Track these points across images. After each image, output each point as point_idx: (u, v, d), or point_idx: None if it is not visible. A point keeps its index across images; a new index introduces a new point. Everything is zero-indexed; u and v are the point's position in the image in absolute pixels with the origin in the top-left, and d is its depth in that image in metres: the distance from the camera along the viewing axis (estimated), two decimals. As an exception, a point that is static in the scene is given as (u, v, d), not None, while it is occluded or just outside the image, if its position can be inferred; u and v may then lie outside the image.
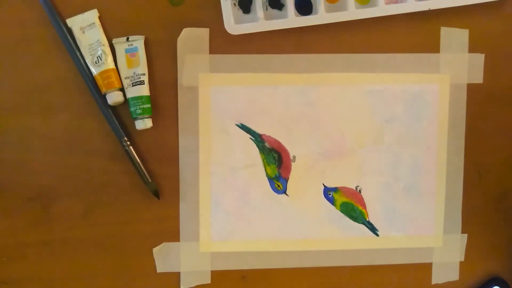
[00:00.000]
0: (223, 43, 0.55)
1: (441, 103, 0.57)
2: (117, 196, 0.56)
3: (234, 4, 0.54)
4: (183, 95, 0.55)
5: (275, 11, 0.55)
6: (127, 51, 0.54)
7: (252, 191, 0.57)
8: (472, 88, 0.58)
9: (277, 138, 0.57)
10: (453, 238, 0.59)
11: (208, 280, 0.58)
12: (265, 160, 0.57)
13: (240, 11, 0.55)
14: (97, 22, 0.54)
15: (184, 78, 0.55)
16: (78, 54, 0.53)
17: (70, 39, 0.53)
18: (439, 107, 0.57)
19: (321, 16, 0.54)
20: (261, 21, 0.53)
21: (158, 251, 0.57)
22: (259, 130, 0.56)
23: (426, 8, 0.54)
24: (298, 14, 0.55)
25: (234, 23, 0.53)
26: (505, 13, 0.57)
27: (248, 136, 0.56)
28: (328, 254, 0.58)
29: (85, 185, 0.56)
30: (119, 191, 0.56)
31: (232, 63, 0.55)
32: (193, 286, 0.57)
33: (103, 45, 0.53)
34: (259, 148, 0.57)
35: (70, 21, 0.53)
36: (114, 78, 0.53)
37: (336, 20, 0.54)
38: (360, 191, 0.58)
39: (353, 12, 0.54)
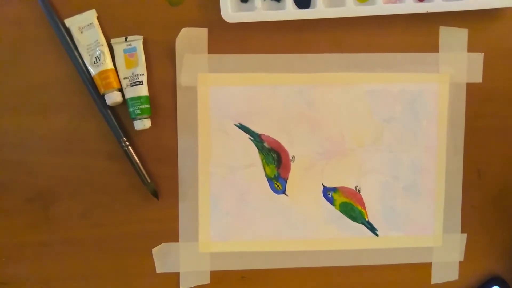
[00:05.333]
0: (221, 43, 0.55)
1: (441, 102, 0.57)
2: (116, 196, 0.56)
3: None
4: (182, 95, 0.55)
5: (273, 3, 0.55)
6: (125, 51, 0.54)
7: (251, 191, 0.57)
8: (471, 88, 0.57)
9: (276, 138, 0.57)
10: (452, 237, 0.59)
11: (207, 280, 0.58)
12: (264, 160, 0.57)
13: (238, 0, 0.54)
14: (96, 22, 0.53)
15: (183, 78, 0.55)
16: (76, 54, 0.53)
17: (69, 39, 0.53)
18: (438, 107, 0.57)
19: (319, 10, 0.53)
20: (258, 10, 0.53)
21: (158, 252, 0.57)
22: (258, 130, 0.56)
23: (424, 11, 0.54)
24: (296, 8, 0.54)
25: (231, 11, 0.53)
26: (505, 12, 0.57)
27: (247, 136, 0.56)
28: (328, 254, 0.58)
29: (84, 186, 0.56)
30: (118, 192, 0.56)
31: (231, 63, 0.55)
32: (192, 286, 0.57)
33: (102, 45, 0.53)
34: (258, 148, 0.57)
35: (68, 21, 0.53)
36: (112, 78, 0.53)
37: (334, 15, 0.54)
38: (359, 191, 0.58)
39: (351, 9, 0.53)
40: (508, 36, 0.57)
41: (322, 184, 0.57)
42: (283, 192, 0.57)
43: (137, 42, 0.54)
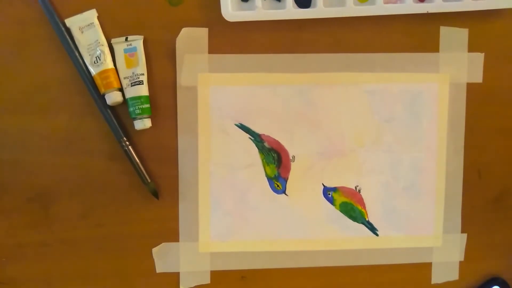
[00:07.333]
0: (222, 43, 0.55)
1: (441, 102, 0.57)
2: (116, 196, 0.56)
3: None
4: (182, 95, 0.55)
5: (273, 2, 0.55)
6: (126, 51, 0.54)
7: (251, 191, 0.57)
8: (471, 88, 0.57)
9: (276, 138, 0.57)
10: (452, 237, 0.59)
11: (207, 280, 0.58)
12: (264, 160, 0.57)
13: (238, 0, 0.54)
14: (96, 22, 0.53)
15: (183, 78, 0.55)
16: (76, 54, 0.53)
17: (69, 39, 0.53)
18: (438, 107, 0.57)
19: (319, 10, 0.53)
20: (258, 9, 0.53)
21: (158, 251, 0.57)
22: (258, 130, 0.56)
23: (424, 11, 0.54)
24: (297, 7, 0.54)
25: (231, 10, 0.53)
26: (505, 12, 0.57)
27: (248, 136, 0.56)
28: (328, 254, 0.58)
29: (84, 186, 0.56)
30: (118, 191, 0.56)
31: (231, 63, 0.55)
32: (192, 286, 0.57)
33: (102, 45, 0.53)
34: (258, 148, 0.57)
35: (68, 21, 0.53)
36: (113, 78, 0.53)
37: (334, 15, 0.54)
38: (359, 191, 0.58)
39: (351, 9, 0.54)
40: (508, 36, 0.57)
41: (322, 184, 0.57)
42: (283, 192, 0.57)
43: (138, 42, 0.54)
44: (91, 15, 0.54)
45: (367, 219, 0.58)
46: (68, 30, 0.53)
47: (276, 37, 0.55)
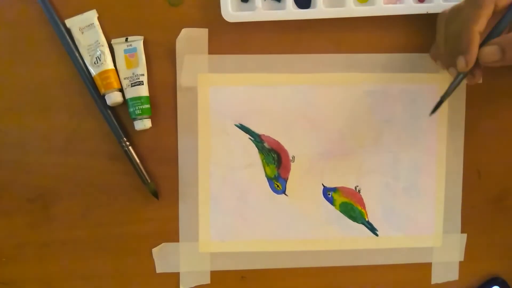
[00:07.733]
0: (222, 43, 0.55)
1: (441, 102, 0.57)
2: (117, 196, 0.56)
3: None
4: (182, 95, 0.55)
5: (273, 3, 0.55)
6: (126, 51, 0.54)
7: (251, 191, 0.57)
8: (471, 88, 0.57)
9: (276, 138, 0.57)
10: (452, 238, 0.59)
11: (207, 280, 0.58)
12: (264, 160, 0.57)
13: (238, 0, 0.54)
14: (96, 22, 0.53)
15: (183, 78, 0.55)
16: (77, 54, 0.53)
17: (69, 40, 0.53)
18: (438, 107, 0.57)
19: (319, 10, 0.53)
20: (258, 10, 0.53)
21: (158, 252, 0.57)
22: (258, 130, 0.56)
23: (424, 11, 0.54)
24: (297, 7, 0.54)
25: (231, 11, 0.53)
26: (505, 12, 0.57)
27: (247, 136, 0.56)
28: (328, 254, 0.58)
29: (84, 186, 0.56)
30: (118, 192, 0.56)
31: (231, 63, 0.55)
32: (192, 286, 0.57)
33: (102, 46, 0.53)
34: (258, 148, 0.57)
35: (69, 22, 0.53)
36: (113, 79, 0.53)
37: (334, 15, 0.54)
38: (359, 191, 0.58)
39: (351, 9, 0.53)
40: (508, 37, 0.57)
41: (322, 184, 0.57)
42: (283, 192, 0.57)
43: (138, 42, 0.54)
44: (91, 16, 0.54)
45: (367, 219, 0.58)
46: (68, 31, 0.53)
47: (276, 38, 0.55)
